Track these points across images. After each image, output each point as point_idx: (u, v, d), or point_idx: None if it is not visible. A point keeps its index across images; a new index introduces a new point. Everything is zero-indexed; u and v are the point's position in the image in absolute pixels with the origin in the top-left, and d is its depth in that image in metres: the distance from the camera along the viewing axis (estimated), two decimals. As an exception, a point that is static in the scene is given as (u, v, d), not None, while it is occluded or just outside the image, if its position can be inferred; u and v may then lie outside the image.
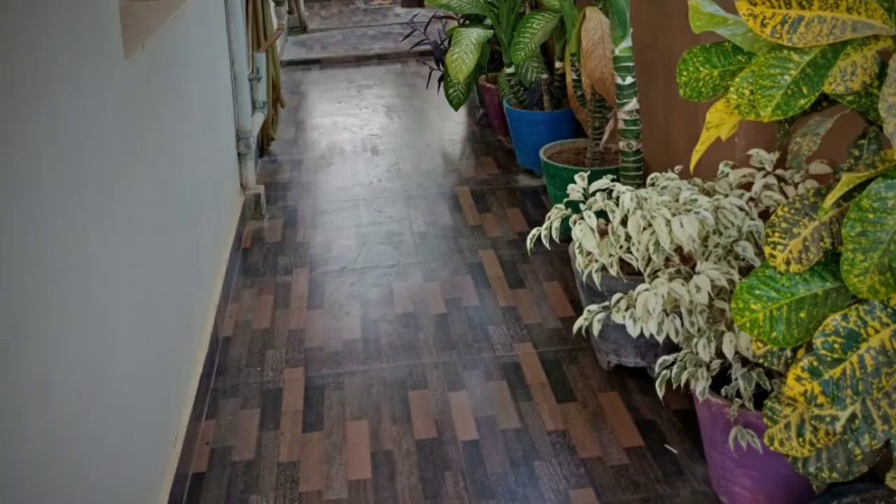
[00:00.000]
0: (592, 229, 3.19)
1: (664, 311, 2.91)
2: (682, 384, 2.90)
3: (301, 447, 3.59)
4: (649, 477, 3.30)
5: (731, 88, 2.34)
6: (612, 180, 3.35)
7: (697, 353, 2.84)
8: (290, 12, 10.65)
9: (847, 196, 2.24)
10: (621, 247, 3.20)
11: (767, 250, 2.34)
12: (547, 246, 3.41)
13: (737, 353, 2.78)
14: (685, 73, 2.54)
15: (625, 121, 4.07)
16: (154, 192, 3.37)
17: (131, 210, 3.00)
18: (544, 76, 6.00)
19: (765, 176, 3.07)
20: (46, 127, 2.20)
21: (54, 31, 2.31)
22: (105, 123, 2.74)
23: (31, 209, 2.06)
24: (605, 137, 4.84)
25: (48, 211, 2.18)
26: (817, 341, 2.18)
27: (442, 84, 6.68)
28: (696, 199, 2.99)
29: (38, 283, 2.11)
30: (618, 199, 3.17)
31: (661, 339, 2.91)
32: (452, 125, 7.41)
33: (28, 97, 2.08)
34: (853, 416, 2.21)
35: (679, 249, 3.06)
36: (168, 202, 3.63)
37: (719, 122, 2.48)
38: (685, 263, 3.13)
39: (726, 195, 3.06)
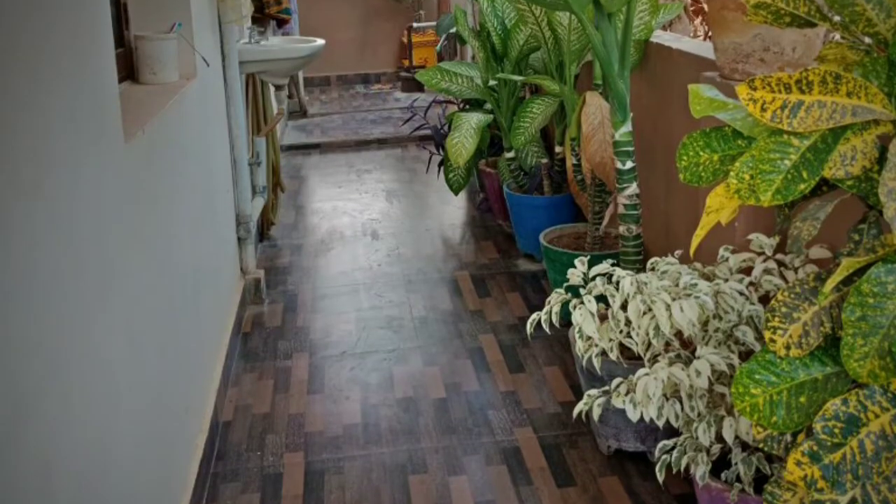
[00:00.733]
0: (592, 314, 3.19)
1: (664, 395, 2.89)
2: (683, 469, 2.87)
3: (300, 534, 3.56)
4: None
5: (731, 173, 2.34)
6: (613, 265, 3.35)
7: (697, 438, 2.82)
8: (290, 97, 10.72)
9: (847, 280, 2.24)
10: (621, 331, 3.19)
11: (767, 335, 2.33)
12: (547, 330, 3.40)
13: (737, 437, 2.76)
14: (685, 157, 2.54)
15: (625, 205, 4.07)
16: (154, 276, 3.36)
17: (131, 294, 2.99)
18: (544, 161, 6.02)
19: (765, 261, 3.07)
20: (46, 211, 2.20)
21: (54, 115, 2.32)
22: (105, 207, 2.74)
23: (31, 294, 2.05)
24: (605, 222, 4.84)
25: (48, 295, 2.17)
26: (817, 426, 2.17)
27: (442, 169, 6.70)
28: (696, 284, 2.99)
29: (39, 367, 2.09)
30: (618, 283, 3.17)
31: (661, 423, 2.89)
32: (452, 210, 7.43)
33: (28, 182, 2.09)
34: (853, 501, 2.19)
35: (679, 334, 3.04)
36: (168, 286, 3.62)
37: (719, 206, 2.48)
38: (685, 348, 3.11)
39: (726, 280, 3.06)
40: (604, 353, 3.29)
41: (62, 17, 2.44)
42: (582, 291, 3.28)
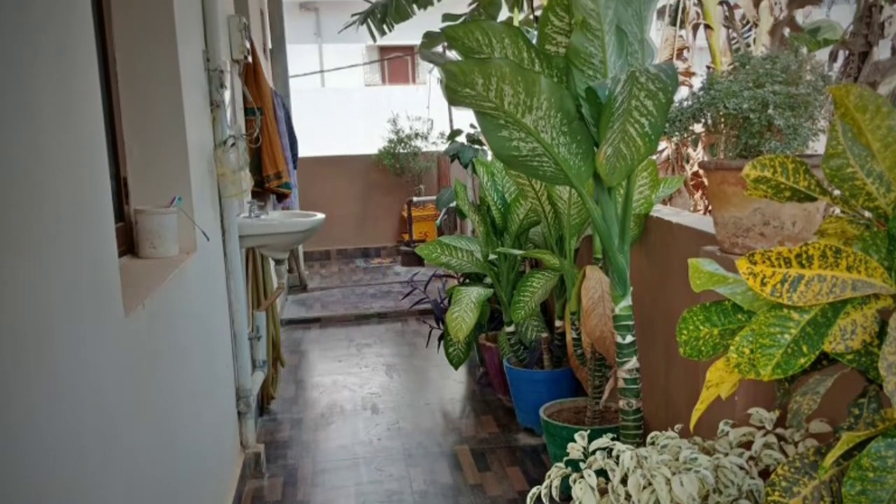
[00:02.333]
0: (592, 488, 3.14)
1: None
2: None
3: None
4: None
5: (731, 347, 2.33)
6: (613, 439, 3.32)
7: None
8: (290, 271, 10.79)
9: (847, 455, 2.21)
10: (623, 506, 3.15)
11: (769, 510, 2.30)
12: (547, 505, 3.35)
13: None
14: (685, 331, 2.54)
15: (625, 379, 4.05)
16: (153, 448, 3.33)
17: (131, 467, 2.95)
18: (544, 335, 6.02)
19: (765, 435, 3.04)
20: (47, 384, 2.19)
21: (54, 289, 2.32)
22: (105, 380, 2.72)
23: (30, 465, 2.03)
24: (605, 396, 4.82)
25: (48, 466, 2.15)
26: None
27: (442, 343, 6.70)
28: (696, 458, 2.95)
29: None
30: (618, 457, 3.14)
31: None
32: (452, 384, 7.39)
33: (28, 354, 2.08)
34: None
35: (681, 509, 3.00)
36: (167, 459, 3.58)
37: (719, 380, 2.47)
38: (689, 524, 3.06)
39: (726, 454, 3.03)
40: (606, 529, 3.23)
41: (63, 193, 2.47)
42: (582, 465, 3.24)
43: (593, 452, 3.30)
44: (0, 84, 2.03)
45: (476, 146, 8.31)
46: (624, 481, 3.10)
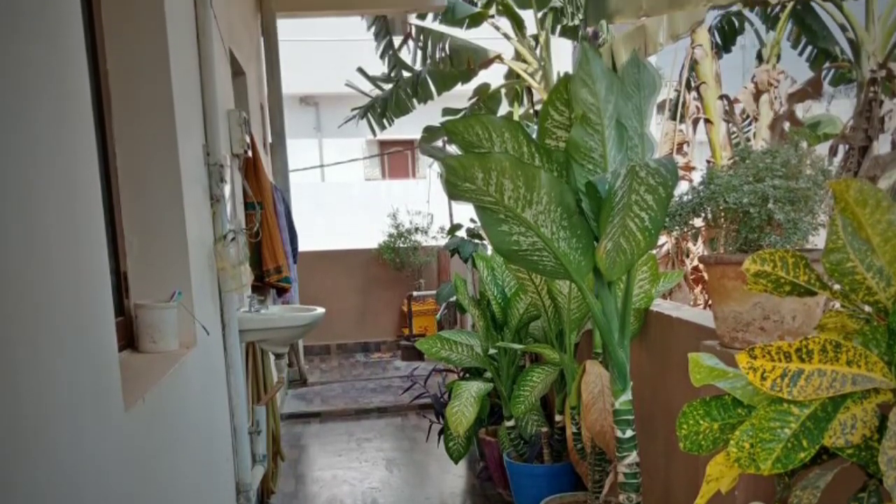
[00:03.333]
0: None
1: None
2: None
3: None
4: None
5: (731, 442, 2.32)
6: (615, 535, 3.30)
7: None
8: (290, 365, 10.76)
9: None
10: None
11: None
12: None
13: None
14: (685, 426, 2.53)
15: (625, 474, 4.03)
16: (148, 546, 3.30)
17: (123, 566, 2.93)
18: (544, 429, 6.00)
19: (767, 529, 3.02)
20: (46, 477, 2.18)
21: (55, 383, 2.32)
22: (105, 474, 2.71)
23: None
24: (605, 490, 4.78)
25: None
26: None
27: (442, 437, 6.67)
28: (700, 554, 2.93)
29: None
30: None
31: None
32: (452, 478, 7.34)
33: (29, 449, 2.07)
34: None
35: None
36: (162, 557, 3.55)
37: (719, 475, 2.46)
38: None
39: (731, 550, 3.01)
40: None
41: (63, 287, 2.48)
42: (585, 563, 3.21)
43: (595, 548, 3.28)
44: (1, 180, 2.05)
45: (476, 240, 8.35)
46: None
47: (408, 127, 14.71)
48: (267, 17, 10.11)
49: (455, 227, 9.14)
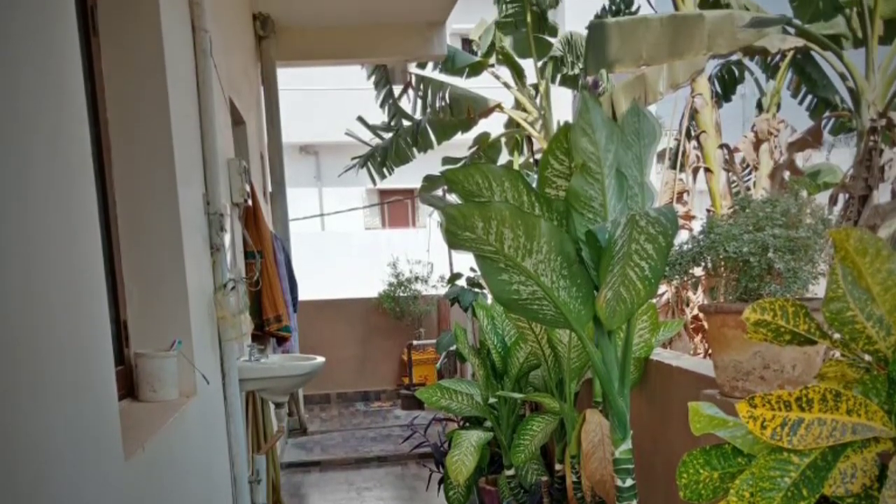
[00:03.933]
0: None
1: None
2: None
3: None
4: None
5: (732, 491, 2.32)
6: (616, 585, 3.28)
7: None
8: (290, 414, 10.73)
9: None
10: None
11: None
12: None
13: None
14: (685, 475, 2.52)
15: (627, 523, 4.02)
16: None
17: None
18: (544, 478, 5.98)
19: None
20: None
21: (55, 433, 2.32)
22: (100, 526, 2.71)
23: None
24: (607, 540, 4.77)
25: None
26: None
27: (442, 486, 6.64)
28: None
29: None
30: None
31: None
32: (452, 528, 7.30)
33: (28, 493, 2.07)
34: None
35: None
36: None
37: (721, 524, 2.45)
38: None
39: None
40: None
41: (63, 336, 2.48)
42: None
43: None
44: (2, 229, 2.06)
45: (476, 289, 8.35)
46: None
47: (408, 176, 14.76)
48: (267, 66, 10.17)
49: (455, 276, 9.15)
